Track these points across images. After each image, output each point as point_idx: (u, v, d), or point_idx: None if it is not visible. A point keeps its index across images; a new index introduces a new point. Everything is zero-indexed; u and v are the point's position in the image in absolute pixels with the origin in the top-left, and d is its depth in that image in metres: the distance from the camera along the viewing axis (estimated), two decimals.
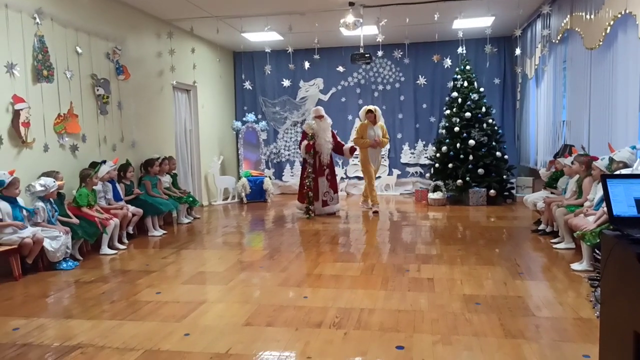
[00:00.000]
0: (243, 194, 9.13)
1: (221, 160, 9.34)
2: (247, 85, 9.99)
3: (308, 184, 7.33)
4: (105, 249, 5.33)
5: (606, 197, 2.03)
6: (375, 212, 7.57)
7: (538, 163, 8.20)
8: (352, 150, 7.64)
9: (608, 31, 5.00)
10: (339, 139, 7.75)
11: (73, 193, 5.41)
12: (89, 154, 5.88)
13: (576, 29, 5.90)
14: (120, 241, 5.71)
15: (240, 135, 9.68)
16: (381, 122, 7.78)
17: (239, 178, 9.53)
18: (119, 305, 3.62)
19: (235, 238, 6.03)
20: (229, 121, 10.07)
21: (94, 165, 5.67)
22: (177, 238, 6.11)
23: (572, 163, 5.37)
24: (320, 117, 7.47)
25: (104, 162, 5.82)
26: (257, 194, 9.30)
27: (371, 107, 7.71)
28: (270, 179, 10.11)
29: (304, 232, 6.32)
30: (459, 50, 7.83)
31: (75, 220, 5.05)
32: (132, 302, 3.69)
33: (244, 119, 9.82)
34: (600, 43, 5.18)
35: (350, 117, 10.25)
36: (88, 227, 5.11)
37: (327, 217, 7.35)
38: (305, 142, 7.35)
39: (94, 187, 5.50)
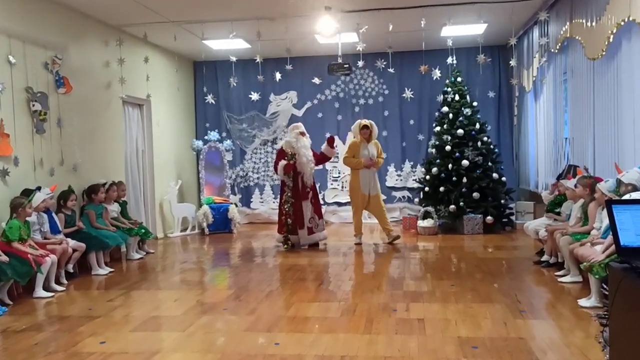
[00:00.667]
0: (205, 224, 9.05)
1: (179, 185, 9.26)
2: (210, 99, 9.98)
3: (287, 209, 7.31)
4: (39, 292, 5.17)
5: (612, 225, 2.07)
6: (357, 244, 7.60)
7: (539, 185, 8.38)
8: (331, 140, 7.69)
9: (611, 40, 5.18)
10: (316, 152, 7.79)
11: (2, 225, 5.26)
12: (22, 180, 5.76)
13: (577, 37, 6.10)
14: (58, 282, 5.55)
15: (201, 156, 9.64)
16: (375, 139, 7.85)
17: (200, 206, 9.46)
18: (56, 359, 3.50)
19: (196, 276, 5.95)
20: (189, 140, 10.03)
21: (28, 193, 5.54)
22: (126, 277, 5.99)
23: (575, 186, 5.49)
24: (302, 133, 7.55)
25: (39, 188, 5.70)
26: (221, 223, 9.23)
27: (366, 121, 7.81)
28: (237, 206, 10.05)
29: (277, 267, 6.27)
30: (449, 60, 8.03)
31: (4, 257, 4.90)
32: (71, 354, 3.58)
33: (206, 137, 9.81)
34: (603, 53, 5.36)
35: (327, 134, 10.34)
36: (19, 265, 4.96)
37: (304, 250, 7.33)
38: (283, 162, 7.36)
39: (27, 219, 5.36)
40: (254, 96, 10.36)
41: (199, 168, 9.72)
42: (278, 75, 9.07)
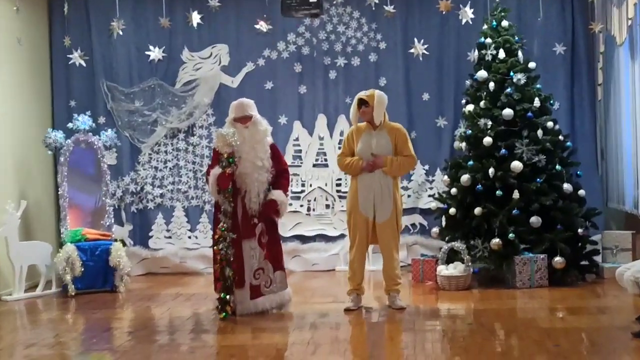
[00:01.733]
0: (68, 278, 8.89)
1: (22, 210, 9.09)
2: (77, 58, 9.85)
3: (223, 250, 7.20)
4: None
5: None
6: (349, 310, 7.57)
7: None
8: (271, 206, 7.43)
9: None
10: (281, 157, 7.69)
11: None
12: None
13: None
14: None
15: (62, 159, 9.49)
16: (386, 118, 7.61)
17: (60, 245, 9.31)
18: None
19: None
20: (40, 131, 9.87)
21: None
22: None
23: None
24: (244, 119, 7.45)
25: None
26: (96, 276, 9.10)
27: (365, 93, 7.61)
28: (125, 245, 9.93)
29: (196, 351, 6.19)
30: None
31: None
32: None
33: (71, 125, 9.67)
34: None
35: (283, 120, 10.36)
36: None
37: (249, 319, 7.25)
38: (216, 171, 7.25)
39: None
40: (154, 53, 10.27)
41: (58, 180, 9.56)
42: (196, 17, 9.05)
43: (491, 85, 8.99)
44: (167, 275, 10.24)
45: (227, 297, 7.21)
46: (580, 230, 8.69)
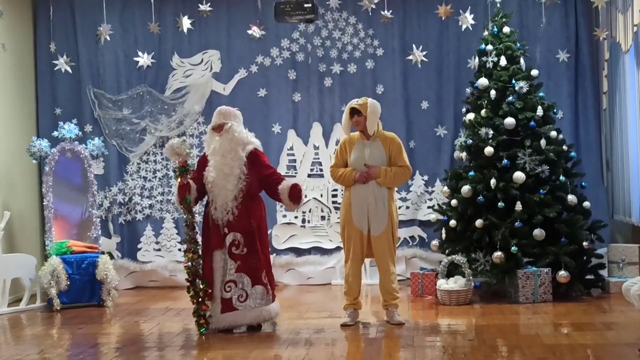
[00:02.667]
0: (53, 292, 8.87)
1: (5, 221, 9.08)
2: (63, 64, 9.85)
3: (189, 264, 7.24)
4: None
5: None
6: (346, 325, 7.56)
7: None
8: (295, 192, 7.48)
9: None
10: (267, 164, 7.65)
11: None
12: None
13: None
14: None
15: (47, 168, 9.48)
16: (380, 128, 7.61)
17: (45, 258, 9.29)
18: None
19: None
20: (24, 140, 9.86)
21: None
22: None
23: None
24: (219, 128, 7.45)
25: None
26: (83, 290, 9.10)
27: (358, 102, 7.60)
28: (113, 257, 9.92)
29: None
30: None
31: None
32: None
33: (56, 133, 9.66)
34: None
35: (277, 129, 10.36)
36: None
37: (238, 335, 7.24)
38: (177, 182, 7.35)
39: None
40: (143, 59, 10.29)
41: (43, 190, 9.54)
42: (186, 22, 9.05)
43: (492, 93, 8.99)
44: (156, 289, 10.23)
45: (202, 312, 7.30)
46: (585, 243, 8.66)
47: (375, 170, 7.42)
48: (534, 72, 9.20)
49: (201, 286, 7.25)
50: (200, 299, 7.28)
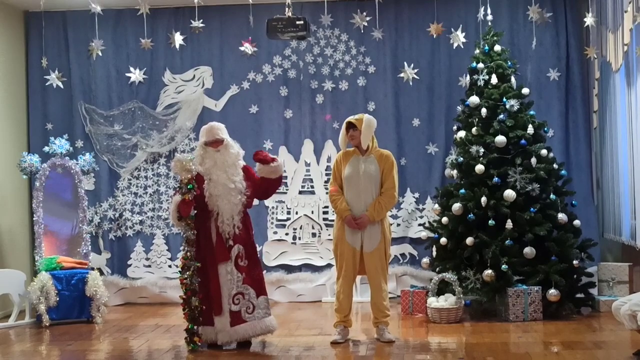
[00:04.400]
0: (42, 308, 8.85)
1: None
2: (54, 79, 9.83)
3: (187, 278, 7.23)
4: None
5: None
6: (336, 343, 7.56)
7: (639, 235, 8.57)
8: (261, 157, 7.51)
9: None
10: (256, 174, 7.73)
11: None
12: None
13: None
14: None
15: (37, 184, 9.48)
16: (375, 144, 7.65)
17: (35, 274, 9.26)
18: None
19: None
20: (15, 155, 9.86)
21: None
22: None
23: None
24: (216, 143, 7.51)
25: None
26: (72, 306, 9.09)
27: (354, 117, 7.64)
28: (102, 274, 9.89)
29: None
30: (480, 14, 8.19)
31: None
32: None
33: (47, 149, 9.66)
34: None
35: (269, 145, 10.36)
36: None
37: (227, 354, 7.25)
38: (177, 198, 7.32)
39: None
40: (135, 75, 10.30)
41: (34, 205, 9.54)
42: (178, 38, 9.05)
43: (483, 111, 9.02)
44: (146, 305, 10.20)
45: (194, 327, 7.28)
46: (575, 262, 8.68)
47: (365, 219, 7.44)
48: (525, 91, 9.22)
49: (196, 304, 7.24)
50: (195, 317, 7.28)
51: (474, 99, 9.13)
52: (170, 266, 10.33)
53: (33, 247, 9.72)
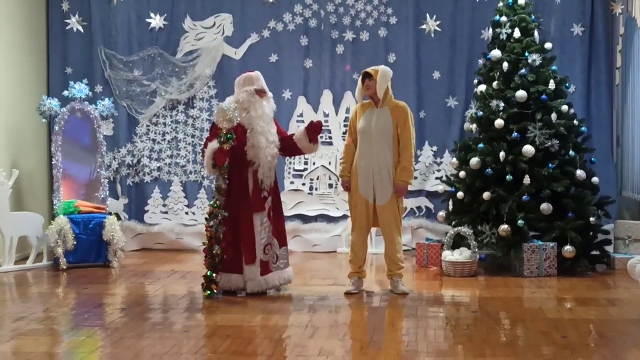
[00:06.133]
0: (60, 251, 8.92)
1: (13, 179, 9.10)
2: (75, 23, 9.84)
3: (213, 228, 7.25)
4: None
5: None
6: (350, 293, 7.60)
7: None
8: (314, 128, 7.58)
9: None
10: (282, 129, 7.86)
11: None
12: None
13: None
14: None
15: (56, 128, 9.50)
16: (391, 93, 7.58)
17: (53, 217, 9.34)
18: None
19: (41, 344, 5.86)
20: (34, 99, 9.87)
21: None
22: None
23: None
24: (263, 92, 7.55)
25: None
26: (89, 250, 9.16)
27: (372, 68, 7.61)
28: (120, 219, 9.96)
29: (191, 330, 6.24)
30: None
31: None
32: None
33: (66, 93, 9.67)
34: None
35: (287, 95, 10.34)
36: None
37: (242, 300, 7.33)
38: (214, 145, 7.28)
39: None
40: (155, 21, 10.27)
41: (52, 149, 9.58)
42: None
43: (505, 65, 8.96)
44: (162, 251, 10.27)
45: (213, 275, 7.33)
46: (592, 219, 8.67)
47: (399, 188, 7.45)
48: (548, 45, 9.15)
49: (218, 252, 7.29)
50: (215, 265, 7.34)
51: (496, 53, 9.07)
52: (187, 213, 10.39)
53: (51, 191, 9.79)
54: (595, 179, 8.90)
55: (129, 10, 10.34)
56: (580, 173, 8.69)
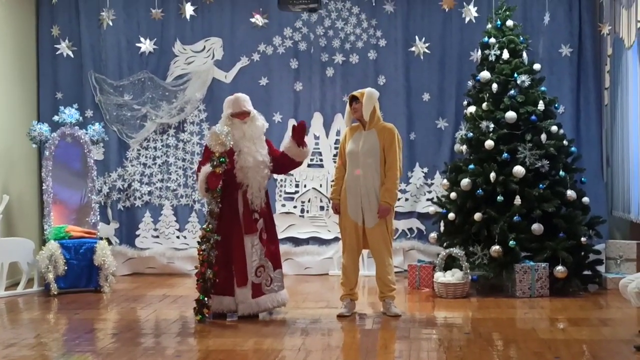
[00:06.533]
0: (51, 276, 8.89)
1: (4, 204, 9.08)
2: (65, 48, 9.85)
3: (205, 250, 7.24)
4: None
5: None
6: (342, 316, 7.59)
7: None
8: (299, 130, 7.56)
9: None
10: (276, 149, 7.85)
11: None
12: None
13: None
14: None
15: (47, 153, 9.49)
16: (378, 115, 7.62)
17: (43, 243, 9.30)
18: None
19: None
20: (24, 124, 9.87)
21: None
22: None
23: None
24: (243, 114, 7.52)
25: None
26: (80, 275, 9.12)
27: (358, 91, 7.65)
28: (111, 243, 9.93)
29: (183, 355, 6.21)
30: None
31: None
32: None
33: (57, 118, 9.67)
34: None
35: (278, 118, 10.36)
36: None
37: (234, 324, 7.31)
38: (207, 169, 7.30)
39: None
40: (145, 45, 10.29)
41: (43, 174, 9.55)
42: (189, 9, 9.05)
43: (494, 86, 9.00)
44: (154, 275, 10.24)
45: (205, 299, 7.31)
46: (583, 239, 8.69)
47: (382, 209, 7.41)
48: (537, 66, 9.19)
49: (210, 276, 7.28)
50: (207, 289, 7.32)
51: (485, 74, 9.10)
52: (178, 237, 10.38)
53: (42, 216, 9.76)
54: (585, 199, 8.92)
55: (119, 35, 10.36)
56: (570, 193, 8.71)
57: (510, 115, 8.79)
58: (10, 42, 9.76)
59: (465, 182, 8.79)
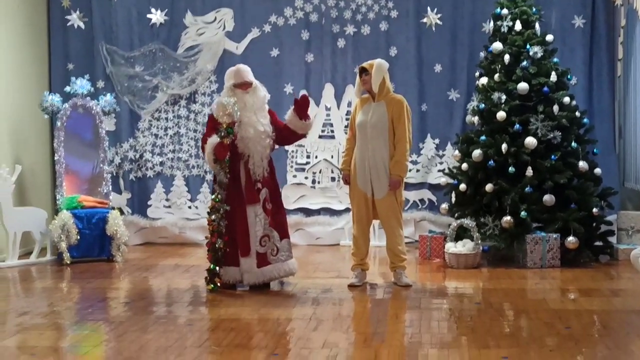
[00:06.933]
0: (64, 246, 8.93)
1: (17, 175, 9.10)
2: (76, 19, 9.82)
3: (215, 221, 7.26)
4: None
5: None
6: (353, 286, 7.61)
7: None
8: (302, 103, 7.51)
9: None
10: (280, 120, 7.79)
11: None
12: None
13: None
14: None
15: (59, 124, 9.50)
16: (388, 86, 7.56)
17: (56, 212, 9.35)
18: None
19: (45, 339, 5.87)
20: (36, 95, 9.88)
21: None
22: None
23: None
24: (245, 85, 7.50)
25: None
26: (93, 245, 9.17)
27: (368, 62, 7.61)
28: (123, 213, 9.97)
29: (195, 324, 6.25)
30: None
31: None
32: None
33: (68, 89, 9.67)
34: None
35: (289, 89, 10.35)
36: None
37: (246, 294, 7.32)
38: (213, 140, 7.30)
39: None
40: (156, 16, 10.27)
41: (55, 144, 9.59)
42: None
43: (506, 58, 8.96)
44: (166, 245, 10.28)
45: (216, 269, 7.32)
46: (595, 210, 8.68)
47: (394, 182, 7.38)
48: (549, 38, 9.15)
49: (221, 246, 7.29)
50: (218, 258, 7.33)
51: (497, 45, 9.06)
52: (190, 207, 10.40)
53: (54, 186, 9.80)
54: (597, 170, 8.90)
55: (130, 6, 10.34)
56: (582, 164, 8.69)
57: (523, 86, 8.75)
58: (21, 13, 9.74)
59: (476, 153, 8.77)
